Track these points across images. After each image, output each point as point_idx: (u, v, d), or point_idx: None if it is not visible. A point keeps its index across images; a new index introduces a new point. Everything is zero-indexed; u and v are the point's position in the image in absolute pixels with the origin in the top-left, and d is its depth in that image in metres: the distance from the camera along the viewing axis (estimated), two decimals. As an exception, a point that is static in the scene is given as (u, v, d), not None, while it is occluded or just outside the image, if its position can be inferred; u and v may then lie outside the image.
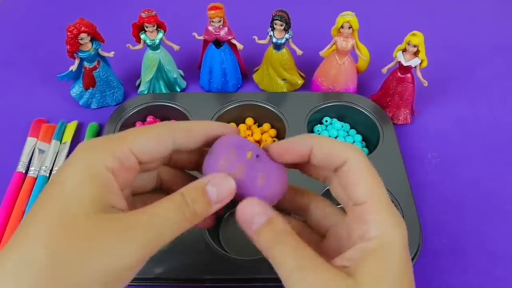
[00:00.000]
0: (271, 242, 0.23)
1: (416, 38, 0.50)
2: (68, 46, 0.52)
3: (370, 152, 0.52)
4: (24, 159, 0.51)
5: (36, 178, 0.50)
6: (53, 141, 0.53)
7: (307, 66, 0.62)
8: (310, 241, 0.25)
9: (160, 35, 0.54)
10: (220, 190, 0.24)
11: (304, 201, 0.29)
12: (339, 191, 0.26)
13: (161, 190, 0.30)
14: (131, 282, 0.41)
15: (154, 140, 0.25)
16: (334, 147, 0.25)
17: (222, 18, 0.53)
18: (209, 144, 0.27)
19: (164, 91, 0.59)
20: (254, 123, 0.56)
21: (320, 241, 0.28)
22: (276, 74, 0.58)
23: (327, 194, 0.46)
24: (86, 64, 0.54)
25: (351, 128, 0.55)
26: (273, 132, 0.55)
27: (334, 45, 0.55)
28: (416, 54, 0.51)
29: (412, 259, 0.41)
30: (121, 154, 0.24)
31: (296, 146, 0.26)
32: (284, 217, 0.24)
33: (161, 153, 0.26)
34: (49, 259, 0.20)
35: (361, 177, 0.24)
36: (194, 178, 0.27)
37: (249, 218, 0.24)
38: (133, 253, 0.21)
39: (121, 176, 0.24)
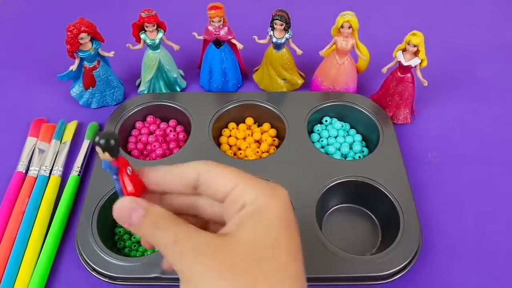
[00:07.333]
0: (150, 229, 0.25)
1: (416, 38, 0.49)
2: (68, 46, 0.52)
3: (370, 152, 0.52)
4: (24, 158, 0.51)
5: (36, 177, 0.50)
6: (53, 141, 0.53)
7: (307, 66, 0.61)
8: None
9: (160, 35, 0.54)
10: None
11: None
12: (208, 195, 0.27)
13: None
14: (131, 282, 0.41)
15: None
16: (184, 167, 0.27)
17: (222, 18, 0.53)
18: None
19: (164, 91, 0.59)
20: (254, 123, 0.56)
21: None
22: (276, 74, 0.58)
23: (326, 194, 0.46)
24: (86, 63, 0.54)
25: (351, 128, 0.55)
26: (273, 132, 0.55)
27: (334, 45, 0.55)
28: (416, 54, 0.51)
29: (412, 259, 0.41)
30: None
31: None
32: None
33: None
34: None
35: (219, 173, 0.27)
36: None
37: (126, 215, 0.25)
38: None
39: None
